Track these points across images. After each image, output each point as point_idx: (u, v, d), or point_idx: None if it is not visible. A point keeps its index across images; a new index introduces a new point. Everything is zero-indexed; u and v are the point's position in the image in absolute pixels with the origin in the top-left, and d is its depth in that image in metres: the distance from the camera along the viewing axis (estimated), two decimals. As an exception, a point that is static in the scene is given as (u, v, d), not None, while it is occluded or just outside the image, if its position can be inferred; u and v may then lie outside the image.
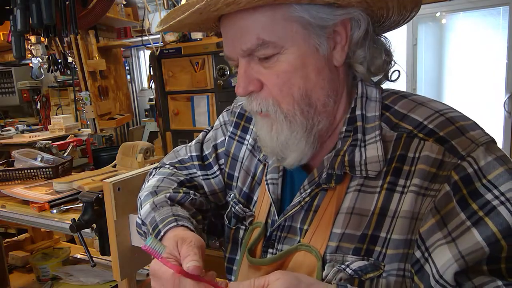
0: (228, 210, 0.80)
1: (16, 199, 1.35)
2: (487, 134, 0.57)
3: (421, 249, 0.56)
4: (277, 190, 0.70)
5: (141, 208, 0.76)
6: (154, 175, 0.86)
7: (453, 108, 0.62)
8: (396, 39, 3.17)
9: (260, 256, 0.70)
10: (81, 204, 1.01)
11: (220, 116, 0.89)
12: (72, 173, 1.68)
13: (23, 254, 1.80)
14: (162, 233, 0.65)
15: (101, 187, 0.91)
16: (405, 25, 0.69)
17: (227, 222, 0.80)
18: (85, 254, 1.29)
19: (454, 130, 0.57)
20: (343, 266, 0.59)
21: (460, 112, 0.61)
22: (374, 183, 0.60)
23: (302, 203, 0.65)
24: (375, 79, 0.68)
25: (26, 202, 1.31)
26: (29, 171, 1.54)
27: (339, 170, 0.61)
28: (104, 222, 0.93)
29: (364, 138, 0.62)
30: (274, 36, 0.57)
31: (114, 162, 1.70)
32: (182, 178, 0.83)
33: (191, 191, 0.79)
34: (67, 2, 1.74)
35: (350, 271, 0.59)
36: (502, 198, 0.52)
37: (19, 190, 1.38)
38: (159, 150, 2.71)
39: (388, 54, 0.66)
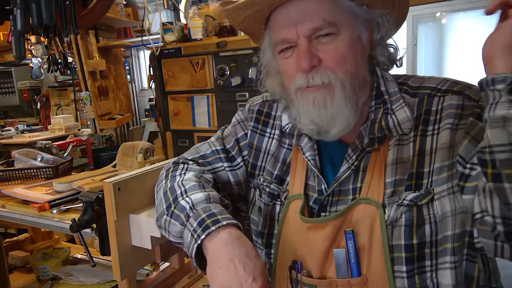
0: (259, 192, 0.89)
1: (16, 199, 1.35)
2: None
3: (464, 165, 0.68)
4: (318, 164, 0.81)
5: (188, 195, 0.78)
6: (186, 170, 0.88)
7: (448, 78, 0.78)
8: (396, 39, 3.17)
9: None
10: (81, 204, 1.01)
11: (236, 115, 0.99)
12: (72, 173, 1.68)
13: (23, 254, 1.80)
14: (224, 222, 0.70)
15: (101, 187, 0.91)
16: (405, 25, 0.83)
17: (263, 201, 0.88)
18: (85, 254, 1.29)
19: (463, 85, 0.75)
20: (400, 201, 0.71)
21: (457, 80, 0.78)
22: (408, 136, 0.74)
23: (352, 167, 0.76)
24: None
25: (26, 202, 1.31)
26: (29, 171, 1.54)
27: (379, 133, 0.74)
28: (104, 222, 0.93)
29: (392, 107, 0.76)
30: (336, 19, 0.71)
31: (114, 162, 1.70)
32: (210, 178, 0.88)
33: (227, 200, 0.84)
34: (67, 2, 1.74)
35: (406, 202, 0.70)
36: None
37: (19, 190, 1.38)
38: (159, 150, 2.71)
39: (396, 48, 0.83)
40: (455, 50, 3.34)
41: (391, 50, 0.82)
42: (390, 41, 0.83)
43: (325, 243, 0.75)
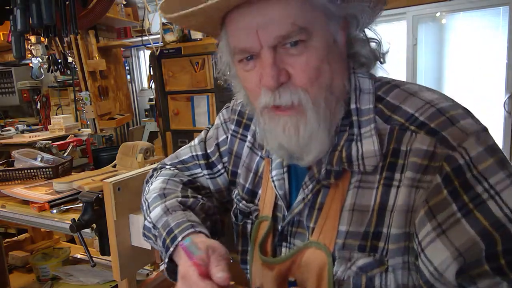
0: (234, 207, 0.81)
1: (16, 199, 1.35)
2: (477, 123, 0.57)
3: (415, 241, 0.56)
4: (284, 186, 0.70)
5: (150, 211, 0.75)
6: (156, 177, 0.85)
7: (444, 97, 0.61)
8: (396, 39, 3.17)
9: (272, 251, 0.71)
10: (81, 204, 1.01)
11: (220, 114, 0.88)
12: (72, 173, 1.68)
13: (23, 254, 1.80)
14: (179, 239, 0.65)
15: (101, 187, 0.91)
16: (405, 25, 0.70)
17: (234, 219, 0.81)
18: (85, 254, 1.29)
19: (445, 120, 0.56)
20: (349, 264, 0.60)
21: (451, 101, 0.60)
22: (372, 178, 0.60)
23: (306, 200, 0.65)
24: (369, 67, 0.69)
25: (26, 202, 1.31)
26: (29, 171, 1.54)
27: (337, 166, 0.61)
28: (104, 222, 0.93)
29: (360, 132, 0.61)
30: (307, 22, 0.56)
31: (114, 162, 1.70)
32: (185, 179, 0.83)
33: (199, 196, 0.79)
34: (67, 2, 1.74)
35: (355, 269, 0.59)
36: (492, 192, 0.52)
37: (19, 190, 1.38)
38: (159, 150, 2.71)
39: (379, 42, 0.67)
40: (455, 50, 3.34)
41: (373, 45, 0.67)
42: (371, 34, 0.67)
43: (273, 285, 0.69)
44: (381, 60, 0.68)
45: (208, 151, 0.85)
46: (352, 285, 0.59)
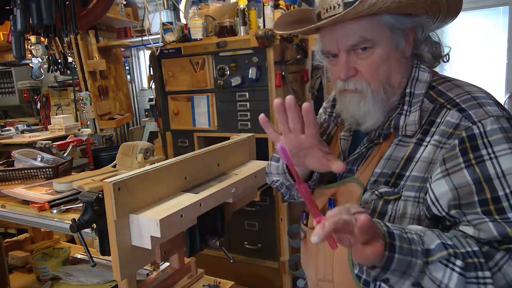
0: None
1: (16, 199, 1.35)
2: (502, 111, 0.76)
3: (429, 181, 0.77)
4: (346, 145, 0.95)
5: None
6: None
7: (482, 91, 0.82)
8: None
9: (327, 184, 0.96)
10: (81, 204, 1.01)
11: (323, 106, 1.13)
12: (72, 173, 1.68)
13: (23, 254, 1.80)
14: None
15: (101, 187, 0.90)
16: None
17: None
18: (85, 254, 1.29)
19: (475, 104, 0.77)
20: (375, 190, 0.82)
21: (487, 94, 0.81)
22: (409, 140, 0.82)
23: (360, 152, 0.89)
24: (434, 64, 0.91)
25: (26, 202, 1.31)
26: (29, 171, 1.54)
27: (386, 130, 0.85)
28: (104, 222, 0.93)
29: (410, 109, 0.84)
30: (372, 35, 0.80)
31: (114, 162, 1.70)
32: None
33: None
34: (67, 2, 1.74)
35: (377, 193, 0.82)
36: (492, 156, 0.72)
37: (19, 190, 1.38)
38: (159, 150, 2.71)
39: (440, 44, 0.90)
40: (455, 50, 3.34)
41: (436, 46, 0.89)
42: (435, 38, 0.90)
43: (320, 204, 0.91)
44: (444, 59, 0.92)
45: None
46: (372, 205, 0.81)
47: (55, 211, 1.22)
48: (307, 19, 0.91)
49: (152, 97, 3.09)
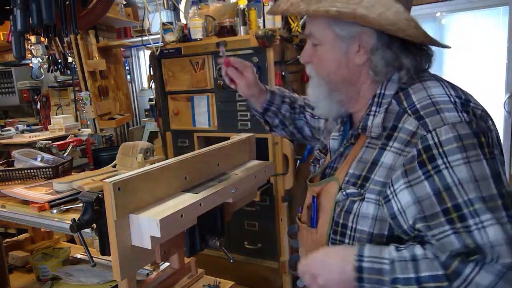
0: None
1: (16, 199, 1.35)
2: (461, 115, 0.77)
3: (390, 189, 0.82)
4: (335, 144, 1.01)
5: None
6: None
7: (447, 95, 0.82)
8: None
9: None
10: (81, 204, 1.01)
11: None
12: (72, 173, 1.68)
13: (23, 254, 1.80)
14: None
15: (101, 187, 0.90)
16: None
17: (312, 159, 1.15)
18: (85, 254, 1.29)
19: (433, 110, 0.79)
20: (343, 191, 0.89)
21: (452, 97, 0.81)
22: (376, 142, 0.86)
23: (340, 152, 0.96)
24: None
25: (26, 202, 1.31)
26: (29, 171, 1.54)
27: (355, 131, 0.91)
28: (104, 222, 0.93)
29: (378, 110, 0.88)
30: (318, 34, 0.89)
31: (114, 162, 1.70)
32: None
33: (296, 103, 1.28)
34: (67, 2, 1.74)
35: (344, 193, 0.88)
36: (448, 165, 0.74)
37: (19, 190, 1.38)
38: (159, 150, 2.71)
39: (419, 54, 0.87)
40: (455, 50, 3.34)
41: (418, 54, 0.86)
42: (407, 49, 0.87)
43: (309, 200, 1.00)
44: (425, 66, 0.91)
45: None
46: (341, 203, 0.89)
47: (55, 211, 1.22)
48: None
49: (152, 97, 3.09)
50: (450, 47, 0.90)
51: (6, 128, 3.35)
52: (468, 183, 0.73)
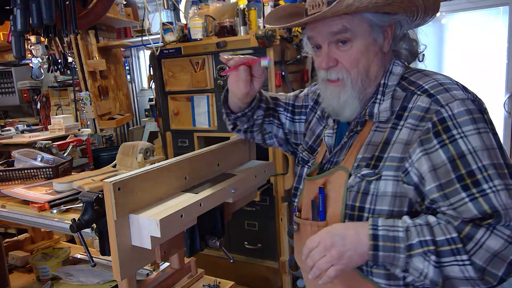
0: (298, 156, 1.16)
1: (16, 199, 1.35)
2: (466, 94, 0.84)
3: (408, 161, 0.85)
4: (331, 141, 1.03)
5: None
6: None
7: (449, 79, 0.89)
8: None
9: None
10: (81, 204, 1.01)
11: (309, 87, 1.23)
12: (72, 173, 1.68)
13: (23, 254, 1.80)
14: None
15: (101, 187, 0.90)
16: None
17: (296, 162, 1.16)
18: (85, 254, 1.29)
19: (442, 89, 0.85)
20: (357, 173, 0.90)
21: (453, 81, 0.88)
22: (385, 125, 0.90)
23: (343, 143, 0.97)
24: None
25: (26, 202, 1.31)
26: (29, 171, 1.54)
27: (362, 118, 0.93)
28: (104, 222, 0.93)
29: (383, 98, 0.92)
30: (352, 27, 0.87)
31: (114, 162, 1.70)
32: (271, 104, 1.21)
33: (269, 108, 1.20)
34: (67, 2, 1.74)
35: (359, 175, 0.89)
36: (462, 135, 0.80)
37: (19, 190, 1.38)
38: (159, 150, 2.71)
39: (417, 42, 0.97)
40: (455, 50, 3.34)
41: (413, 44, 0.96)
42: (413, 35, 0.97)
43: (311, 195, 0.99)
44: (419, 58, 0.99)
45: (296, 104, 1.20)
46: (356, 187, 0.89)
47: (55, 211, 1.22)
48: (298, 13, 1.00)
49: (152, 97, 3.09)
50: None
51: (6, 128, 3.35)
52: (482, 150, 0.78)
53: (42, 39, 2.72)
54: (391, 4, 0.85)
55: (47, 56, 2.92)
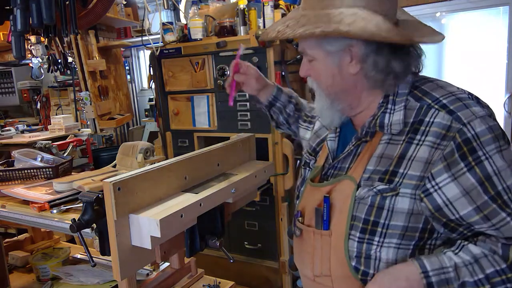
0: (301, 157, 1.19)
1: (16, 199, 1.35)
2: (485, 110, 0.84)
3: (431, 183, 0.83)
4: (334, 145, 1.04)
5: None
6: None
7: (462, 91, 0.88)
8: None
9: (318, 182, 1.03)
10: (81, 204, 1.01)
11: None
12: (72, 173, 1.68)
13: (23, 254, 1.80)
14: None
15: (101, 187, 0.90)
16: None
17: (299, 163, 1.19)
18: (85, 254, 1.29)
19: (461, 105, 0.84)
20: (371, 187, 0.88)
21: (468, 94, 0.88)
22: (399, 138, 0.88)
23: (349, 150, 0.96)
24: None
25: (26, 202, 1.31)
26: (29, 171, 1.54)
27: (372, 128, 0.91)
28: (104, 222, 0.93)
29: (394, 107, 0.90)
30: (310, 52, 0.93)
31: (114, 162, 1.70)
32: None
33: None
34: (67, 2, 1.74)
35: (375, 190, 0.87)
36: (487, 155, 0.80)
37: (19, 190, 1.38)
38: (159, 150, 2.71)
39: (407, 59, 0.90)
40: (454, 50, 3.34)
41: (405, 59, 0.90)
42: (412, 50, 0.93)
43: (314, 201, 0.98)
44: (416, 69, 0.95)
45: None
46: (370, 201, 0.87)
47: (55, 211, 1.22)
48: None
49: (152, 97, 3.09)
50: (444, 36, 0.92)
51: (6, 128, 3.35)
52: (505, 170, 0.80)
53: (42, 39, 2.72)
54: (341, 34, 0.83)
55: (47, 56, 2.92)
